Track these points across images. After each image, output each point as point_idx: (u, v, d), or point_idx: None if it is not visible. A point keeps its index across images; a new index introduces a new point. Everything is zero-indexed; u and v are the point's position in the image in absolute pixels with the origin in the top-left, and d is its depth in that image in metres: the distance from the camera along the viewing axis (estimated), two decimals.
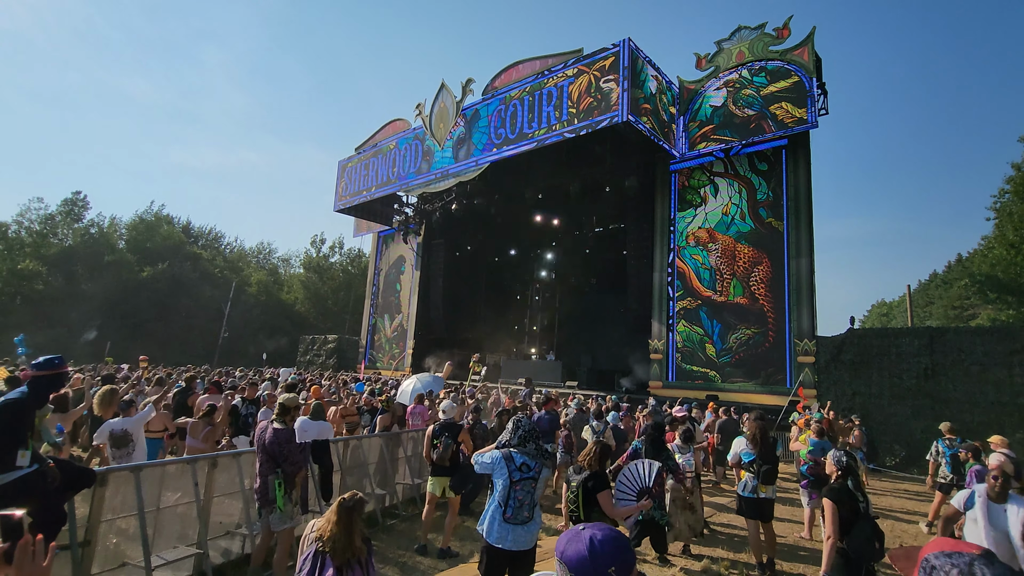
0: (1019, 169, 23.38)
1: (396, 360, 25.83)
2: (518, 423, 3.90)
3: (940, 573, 1.32)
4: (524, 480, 3.71)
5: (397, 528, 6.82)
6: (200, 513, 4.93)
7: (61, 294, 36.96)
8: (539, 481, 3.78)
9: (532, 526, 3.70)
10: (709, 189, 17.04)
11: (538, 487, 3.78)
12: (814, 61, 15.07)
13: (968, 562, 1.29)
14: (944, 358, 12.88)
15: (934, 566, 1.34)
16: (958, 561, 1.30)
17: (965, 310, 34.20)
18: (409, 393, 9.72)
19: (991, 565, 1.28)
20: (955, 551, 1.34)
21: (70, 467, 3.96)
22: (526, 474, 3.73)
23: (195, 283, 42.75)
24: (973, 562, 1.29)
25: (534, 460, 3.78)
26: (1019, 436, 11.27)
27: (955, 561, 1.31)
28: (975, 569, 1.27)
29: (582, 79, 15.98)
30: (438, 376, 10.87)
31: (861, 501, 3.78)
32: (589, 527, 1.48)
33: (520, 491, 3.69)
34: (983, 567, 1.27)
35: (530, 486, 3.73)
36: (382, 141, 23.63)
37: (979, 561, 1.28)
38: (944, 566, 1.32)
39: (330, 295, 51.02)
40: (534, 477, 3.75)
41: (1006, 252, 23.83)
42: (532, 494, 3.73)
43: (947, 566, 1.31)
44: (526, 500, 3.69)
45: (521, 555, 3.65)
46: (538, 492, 3.76)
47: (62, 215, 41.28)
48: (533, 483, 3.75)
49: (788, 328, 14.83)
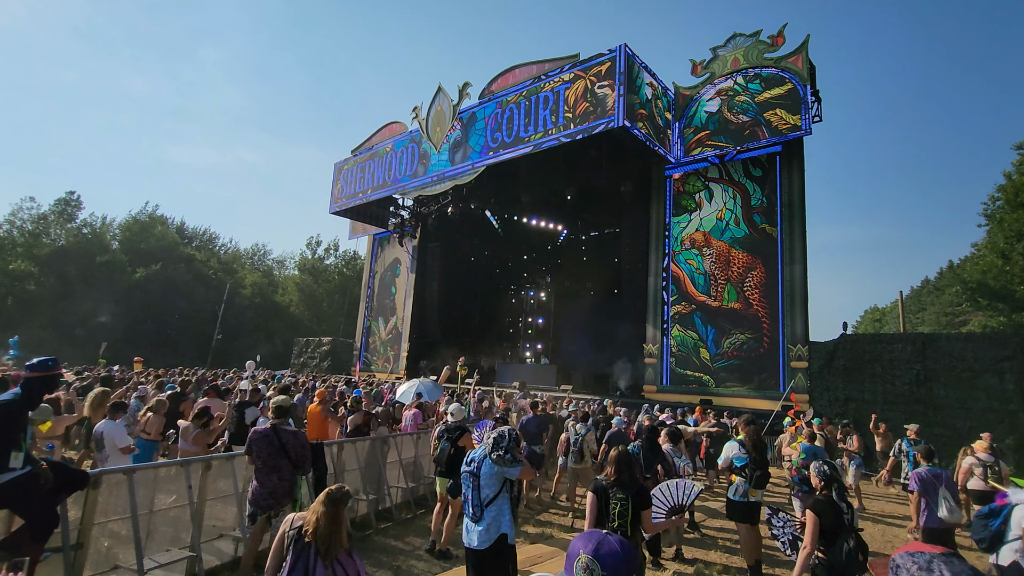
0: (1010, 177, 23.63)
1: (391, 363, 25.78)
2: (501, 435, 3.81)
3: (903, 571, 1.43)
4: (464, 474, 3.76)
5: (391, 531, 6.81)
6: (193, 516, 4.91)
7: (53, 295, 36.71)
8: (480, 478, 3.67)
9: (482, 526, 3.59)
10: (704, 194, 17.15)
11: (482, 483, 3.66)
12: (808, 69, 15.22)
13: (928, 559, 1.40)
14: (936, 364, 13.01)
15: (898, 564, 1.46)
16: (919, 559, 1.42)
17: (956, 316, 34.47)
18: (411, 393, 9.72)
19: (949, 563, 1.38)
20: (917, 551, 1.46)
21: (63, 469, 3.95)
22: (468, 467, 3.76)
23: (189, 284, 42.55)
24: (932, 559, 1.39)
25: (483, 455, 3.74)
26: (1009, 442, 11.39)
27: (916, 559, 1.43)
28: (933, 566, 1.38)
29: (578, 84, 16.07)
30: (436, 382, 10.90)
31: (845, 512, 3.79)
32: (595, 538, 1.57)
33: (465, 487, 3.74)
34: (941, 564, 1.37)
35: (469, 480, 3.72)
36: (378, 144, 23.65)
37: (938, 559, 1.39)
38: (906, 564, 1.44)
39: (325, 297, 50.90)
40: (473, 471, 3.72)
41: (997, 259, 24.06)
42: (474, 490, 3.66)
43: (909, 563, 1.43)
44: (468, 495, 3.69)
45: (477, 555, 3.60)
46: (485, 490, 3.64)
47: (55, 215, 41.05)
48: (472, 477, 3.70)
49: (781, 333, 14.92)
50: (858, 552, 3.62)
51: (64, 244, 39.94)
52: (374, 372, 25.80)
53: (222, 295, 40.44)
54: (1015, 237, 23.11)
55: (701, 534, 7.37)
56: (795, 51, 15.48)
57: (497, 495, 3.65)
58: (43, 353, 4.22)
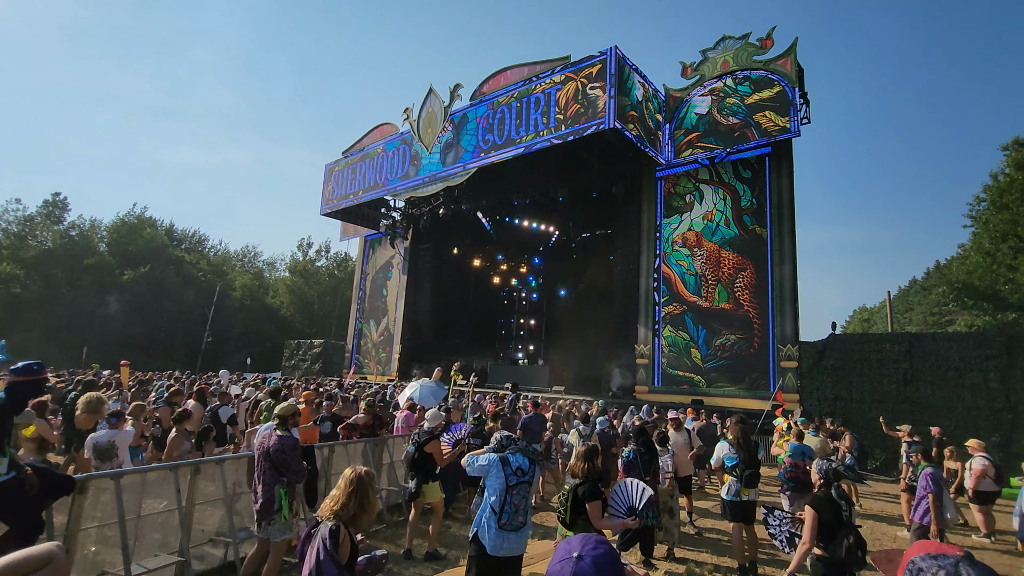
0: (995, 179, 24.01)
1: (383, 365, 25.68)
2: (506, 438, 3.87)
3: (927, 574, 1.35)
4: (520, 484, 3.62)
5: (382, 534, 6.79)
6: (182, 521, 4.86)
7: (39, 297, 36.24)
8: (532, 484, 3.74)
9: (525, 531, 3.64)
10: (694, 196, 17.25)
11: (531, 490, 3.73)
12: (797, 71, 15.36)
13: (954, 563, 1.32)
14: (923, 363, 13.16)
15: (920, 568, 1.38)
16: (944, 563, 1.34)
17: (943, 316, 34.88)
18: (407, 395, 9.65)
19: (975, 566, 1.31)
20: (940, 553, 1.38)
21: (49, 474, 3.90)
22: (522, 478, 3.63)
23: (178, 287, 42.16)
24: (959, 563, 1.32)
25: (530, 463, 3.72)
26: (995, 440, 11.54)
27: (941, 563, 1.35)
28: (960, 570, 1.30)
29: (569, 86, 16.12)
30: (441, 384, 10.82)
31: (844, 509, 3.84)
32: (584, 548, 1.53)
33: (516, 496, 3.58)
34: (968, 568, 1.30)
35: (525, 490, 3.65)
36: (369, 145, 23.57)
37: (964, 562, 1.32)
38: (931, 568, 1.35)
39: (316, 299, 50.64)
40: (529, 481, 3.68)
41: (982, 259, 24.43)
42: (527, 499, 3.66)
43: (934, 568, 1.35)
44: (522, 505, 3.60)
45: (512, 561, 3.59)
46: (531, 496, 3.73)
47: (41, 217, 40.54)
48: (528, 487, 3.68)
49: (772, 333, 15.03)
50: (857, 548, 3.67)
51: (51, 246, 39.46)
52: (366, 374, 25.70)
53: (212, 297, 40.11)
54: (1000, 238, 23.49)
55: (695, 527, 7.42)
56: (783, 54, 15.62)
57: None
58: (29, 357, 4.16)
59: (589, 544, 1.59)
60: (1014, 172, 22.41)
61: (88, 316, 37.00)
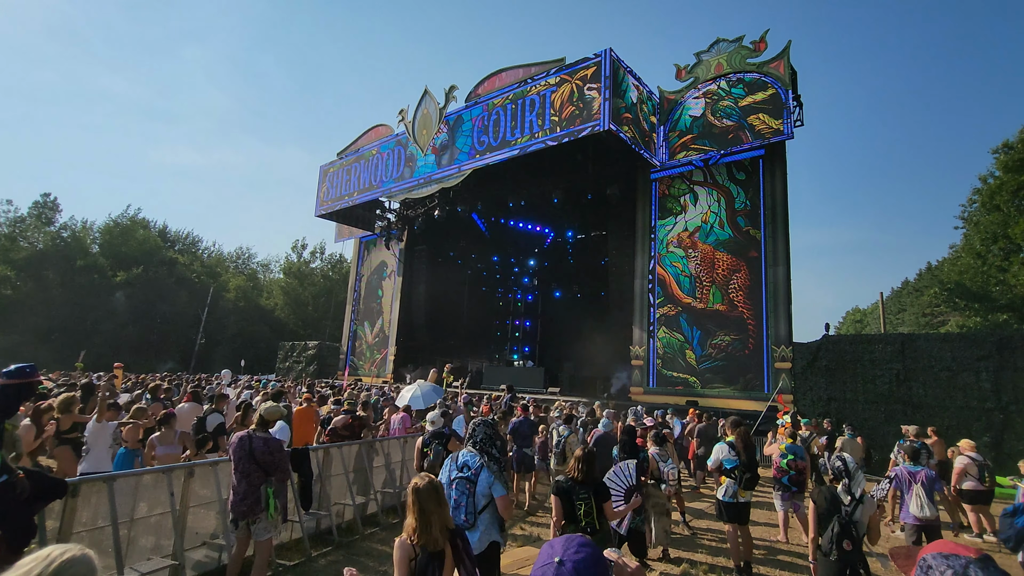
0: (986, 181, 24.22)
1: (378, 367, 25.61)
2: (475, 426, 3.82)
3: (935, 573, 1.35)
4: (459, 480, 3.57)
5: (377, 536, 6.76)
6: (176, 524, 4.83)
7: (31, 299, 35.93)
8: (478, 484, 3.57)
9: (476, 533, 3.50)
10: (689, 198, 17.32)
11: (479, 490, 3.56)
12: (790, 74, 15.46)
13: (964, 564, 1.32)
14: (915, 364, 13.25)
15: (930, 565, 1.38)
16: (954, 563, 1.34)
17: (935, 317, 35.14)
18: (407, 398, 9.63)
19: (986, 568, 1.30)
20: (952, 553, 1.38)
21: (40, 477, 3.86)
22: (463, 473, 3.59)
23: (171, 288, 41.90)
24: (969, 565, 1.31)
25: (477, 460, 3.63)
26: (986, 439, 11.63)
27: (951, 563, 1.34)
28: (970, 571, 1.30)
29: (564, 88, 16.15)
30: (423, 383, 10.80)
31: (846, 504, 3.94)
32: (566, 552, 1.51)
33: (455, 491, 3.54)
34: (977, 570, 1.30)
35: (464, 486, 3.55)
36: (364, 147, 23.53)
37: (975, 564, 1.31)
38: (940, 567, 1.35)
39: (311, 301, 50.45)
40: (469, 477, 3.57)
41: (973, 260, 24.64)
42: (468, 496, 3.54)
43: (943, 567, 1.35)
44: (461, 501, 3.52)
45: None
46: (480, 497, 3.56)
47: (32, 218, 40.21)
48: (468, 483, 3.56)
49: (766, 334, 15.09)
50: (843, 539, 3.81)
51: (42, 248, 39.15)
52: (361, 376, 25.62)
53: (206, 299, 39.89)
54: (990, 239, 23.70)
55: (689, 528, 7.43)
56: (777, 56, 15.72)
57: (490, 502, 3.60)
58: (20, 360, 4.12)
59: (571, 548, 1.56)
60: (1004, 174, 22.63)
61: (80, 318, 36.72)
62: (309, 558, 5.78)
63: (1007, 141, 22.70)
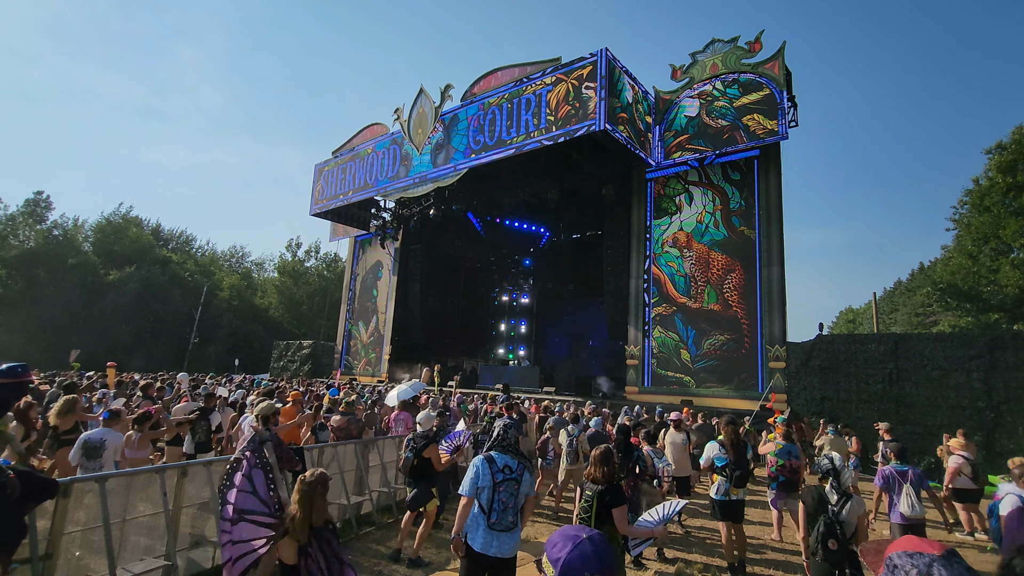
0: (977, 182, 24.39)
1: (373, 366, 25.55)
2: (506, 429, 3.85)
3: (901, 572, 1.36)
4: (507, 481, 3.62)
5: (372, 536, 6.75)
6: (169, 524, 4.80)
7: (22, 298, 35.63)
8: (522, 483, 3.69)
9: (516, 532, 3.61)
10: (684, 197, 17.37)
11: (521, 490, 3.68)
12: (784, 75, 15.52)
13: (928, 563, 1.32)
14: (907, 363, 13.35)
15: (896, 565, 1.38)
16: (918, 561, 1.34)
17: (927, 317, 35.43)
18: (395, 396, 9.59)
19: (949, 566, 1.31)
20: (917, 551, 1.38)
21: (31, 477, 3.82)
22: (509, 475, 3.64)
23: (164, 287, 41.64)
24: (932, 563, 1.32)
25: (516, 461, 3.71)
26: (978, 439, 11.72)
27: (915, 561, 1.35)
28: (933, 570, 1.30)
29: (560, 87, 16.15)
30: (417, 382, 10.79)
31: (833, 504, 3.95)
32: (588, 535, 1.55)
33: (504, 493, 3.58)
34: (940, 568, 1.30)
35: (513, 488, 3.63)
36: (360, 145, 23.45)
37: (938, 562, 1.32)
38: (905, 566, 1.36)
39: (305, 300, 50.26)
40: (516, 478, 3.65)
41: (965, 261, 24.80)
42: (515, 497, 3.63)
43: (907, 566, 1.35)
44: (510, 503, 3.58)
45: (503, 563, 3.55)
46: (521, 497, 3.67)
47: (24, 216, 39.84)
48: (516, 484, 3.65)
49: (760, 334, 15.16)
50: (827, 538, 3.86)
51: (33, 246, 38.80)
52: (356, 375, 25.55)
53: (199, 298, 39.68)
54: (982, 240, 23.87)
55: (683, 527, 7.45)
56: (772, 57, 15.77)
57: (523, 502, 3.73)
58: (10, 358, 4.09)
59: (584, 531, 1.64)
60: (996, 175, 22.79)
61: (72, 317, 36.43)
62: None
63: (1000, 142, 22.87)
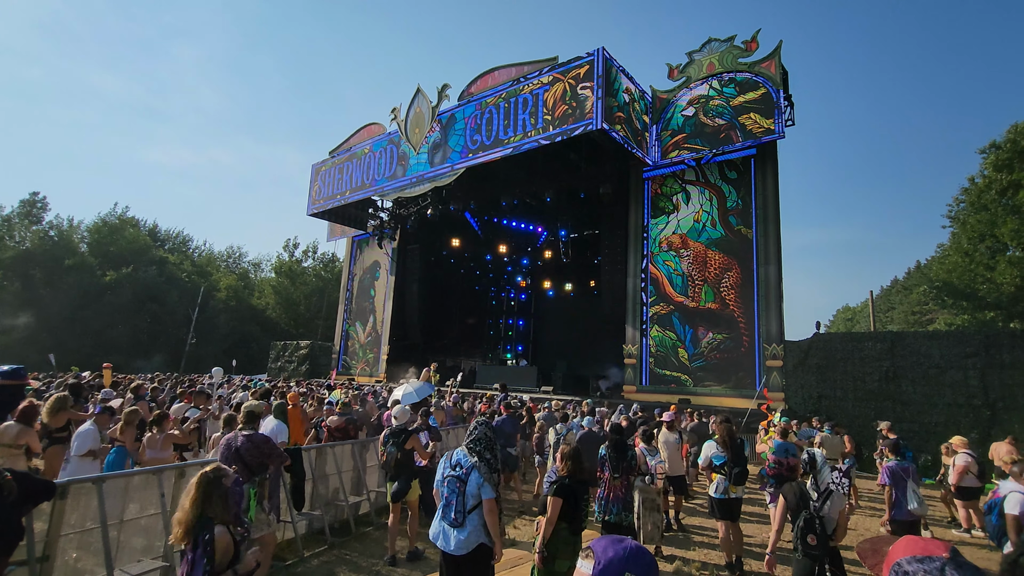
0: (973, 181, 24.48)
1: (370, 366, 25.52)
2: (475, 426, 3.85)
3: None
4: (450, 478, 3.63)
5: (371, 536, 6.75)
6: (167, 525, 4.79)
7: (17, 299, 35.47)
8: (468, 483, 3.59)
9: (464, 532, 3.53)
10: (681, 197, 17.39)
11: (468, 489, 3.58)
12: (781, 74, 15.54)
13: (939, 567, 1.29)
14: (904, 361, 13.39)
15: (907, 571, 1.33)
16: (930, 567, 1.30)
17: (924, 315, 35.56)
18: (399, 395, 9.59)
19: (960, 568, 1.28)
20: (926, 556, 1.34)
21: (28, 479, 3.82)
22: (455, 472, 3.64)
23: (161, 288, 41.51)
24: (944, 567, 1.28)
25: (469, 459, 3.66)
26: (974, 436, 11.77)
27: (927, 567, 1.30)
28: (946, 574, 1.27)
29: (557, 87, 16.15)
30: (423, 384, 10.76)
31: (814, 500, 4.00)
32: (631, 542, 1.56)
33: (447, 488, 3.63)
34: (953, 571, 1.27)
35: (455, 485, 3.60)
36: (357, 145, 23.41)
37: (950, 566, 1.29)
38: (917, 572, 1.31)
39: (303, 300, 50.16)
40: (461, 476, 3.61)
41: (961, 259, 24.87)
42: (459, 495, 3.57)
43: (920, 572, 1.31)
44: (452, 499, 3.58)
45: (458, 560, 3.54)
46: (470, 497, 3.58)
47: (19, 216, 39.67)
48: (459, 482, 3.60)
49: (757, 333, 15.19)
50: (806, 534, 3.90)
51: (29, 247, 38.63)
52: (354, 376, 25.52)
53: (196, 298, 39.54)
54: (977, 238, 23.95)
55: (680, 526, 7.46)
56: (768, 56, 15.80)
57: (479, 504, 3.61)
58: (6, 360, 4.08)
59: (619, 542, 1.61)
60: (992, 173, 22.86)
61: (68, 318, 36.29)
62: (302, 558, 5.76)
63: (995, 141, 22.96)
